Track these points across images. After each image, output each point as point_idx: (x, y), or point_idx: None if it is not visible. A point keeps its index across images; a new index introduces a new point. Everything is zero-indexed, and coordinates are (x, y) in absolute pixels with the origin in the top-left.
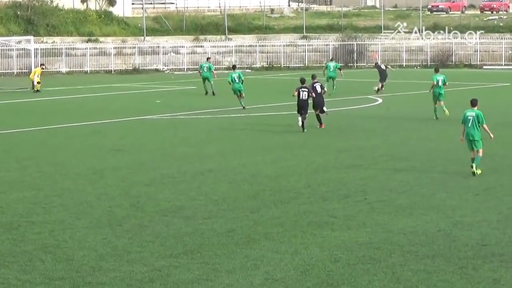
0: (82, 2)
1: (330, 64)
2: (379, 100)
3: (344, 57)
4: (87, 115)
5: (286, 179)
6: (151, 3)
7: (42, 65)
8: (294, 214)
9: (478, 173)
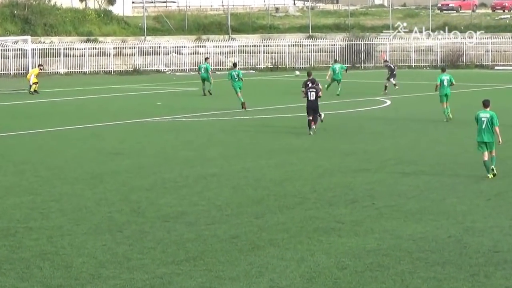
0: (80, 1)
1: (336, 67)
2: (387, 102)
3: (351, 57)
4: (86, 118)
5: (291, 184)
6: (152, 2)
7: (40, 65)
8: (300, 220)
9: (490, 177)
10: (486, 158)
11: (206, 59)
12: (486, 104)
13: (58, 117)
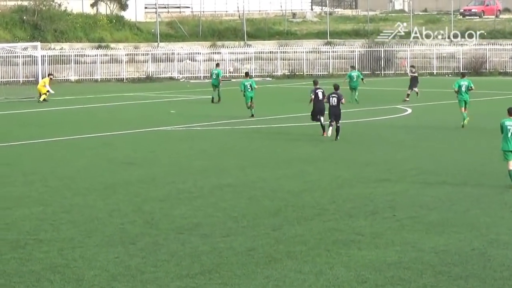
0: (92, 6)
1: (353, 74)
2: (408, 110)
3: (371, 64)
4: (97, 126)
5: (309, 195)
6: (165, 7)
7: (51, 75)
8: (319, 232)
9: None
10: (511, 168)
11: (217, 65)
12: (511, 112)
13: (69, 125)
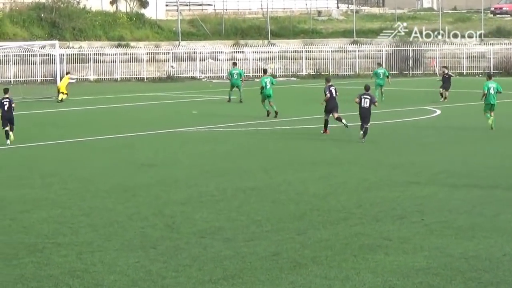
0: (111, 3)
1: (379, 71)
2: (437, 111)
3: (399, 64)
4: (117, 127)
5: (335, 198)
6: (186, 5)
7: (68, 73)
8: (345, 237)
9: None
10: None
11: (235, 64)
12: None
13: (88, 126)
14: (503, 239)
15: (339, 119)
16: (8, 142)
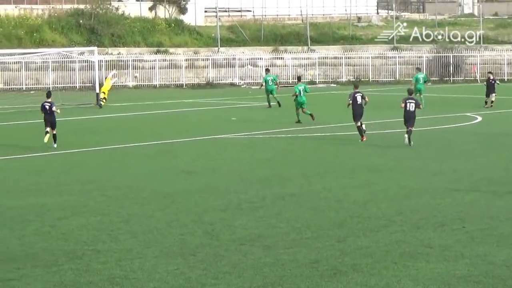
0: (150, 9)
1: (419, 76)
2: (478, 118)
3: (439, 70)
4: (156, 134)
5: (375, 205)
6: (225, 11)
7: (114, 73)
8: (385, 244)
9: None
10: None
11: (267, 70)
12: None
13: (127, 133)
14: None
15: (359, 128)
16: (46, 140)
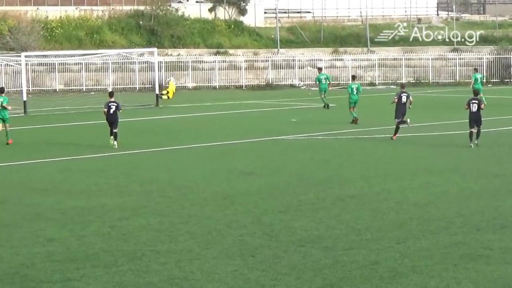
0: (210, 11)
1: (478, 76)
2: None
3: (499, 72)
4: (216, 135)
5: (435, 207)
6: (285, 12)
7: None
8: (445, 246)
9: None
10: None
11: (320, 69)
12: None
13: (187, 133)
14: None
15: (397, 126)
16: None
